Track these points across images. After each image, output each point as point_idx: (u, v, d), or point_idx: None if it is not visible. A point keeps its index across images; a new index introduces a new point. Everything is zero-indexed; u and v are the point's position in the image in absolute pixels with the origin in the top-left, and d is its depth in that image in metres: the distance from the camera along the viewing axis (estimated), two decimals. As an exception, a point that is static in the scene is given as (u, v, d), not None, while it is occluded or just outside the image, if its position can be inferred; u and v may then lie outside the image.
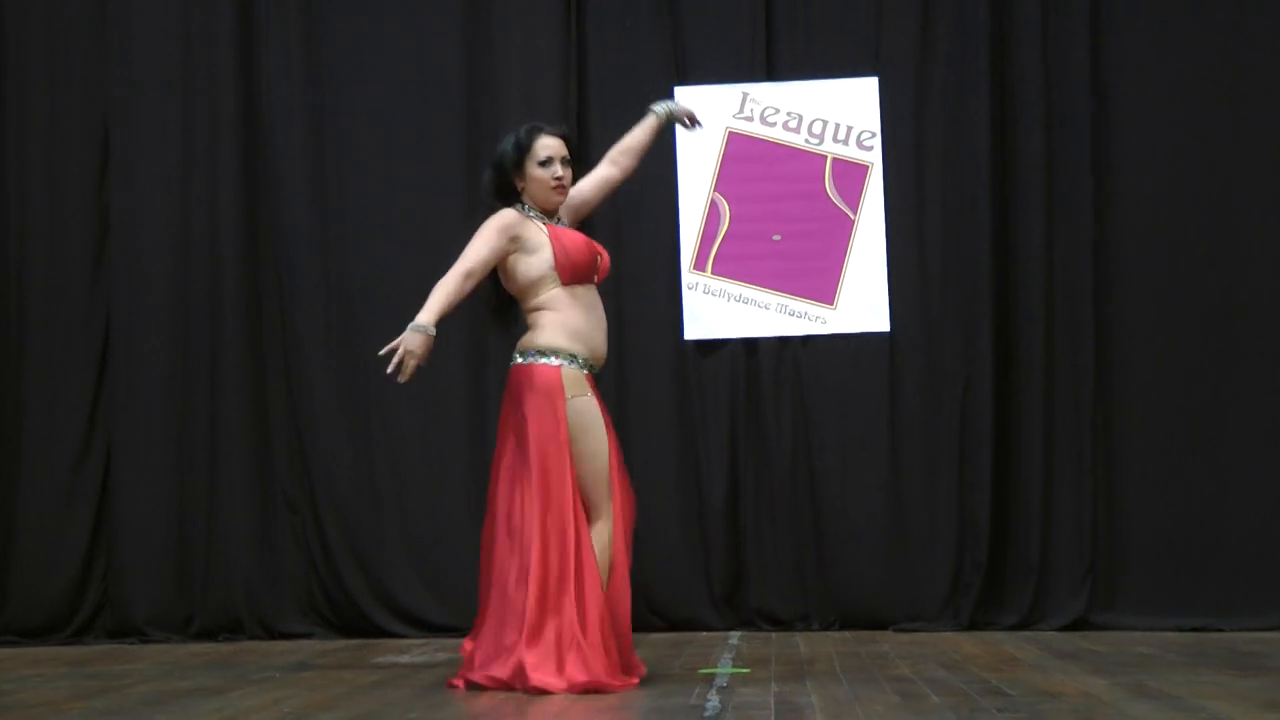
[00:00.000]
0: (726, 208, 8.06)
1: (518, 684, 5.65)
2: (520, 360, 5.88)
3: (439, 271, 7.99)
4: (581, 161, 6.27)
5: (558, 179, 5.93)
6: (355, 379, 8.15)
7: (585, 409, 5.81)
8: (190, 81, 8.30)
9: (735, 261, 8.02)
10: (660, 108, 6.24)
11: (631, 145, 6.19)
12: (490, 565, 5.89)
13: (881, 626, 7.88)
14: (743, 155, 8.06)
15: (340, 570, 8.08)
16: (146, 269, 8.24)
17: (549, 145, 5.94)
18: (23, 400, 8.22)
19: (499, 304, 6.13)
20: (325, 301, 8.20)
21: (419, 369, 5.73)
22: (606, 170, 6.18)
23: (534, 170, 5.93)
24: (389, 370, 5.68)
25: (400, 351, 5.67)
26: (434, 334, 5.74)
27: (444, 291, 5.83)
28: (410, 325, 5.72)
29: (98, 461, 8.19)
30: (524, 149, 5.94)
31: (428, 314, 5.76)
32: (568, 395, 5.79)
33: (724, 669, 6.27)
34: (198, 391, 8.19)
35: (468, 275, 5.87)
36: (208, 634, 8.05)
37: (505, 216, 5.94)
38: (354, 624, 8.05)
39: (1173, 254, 7.97)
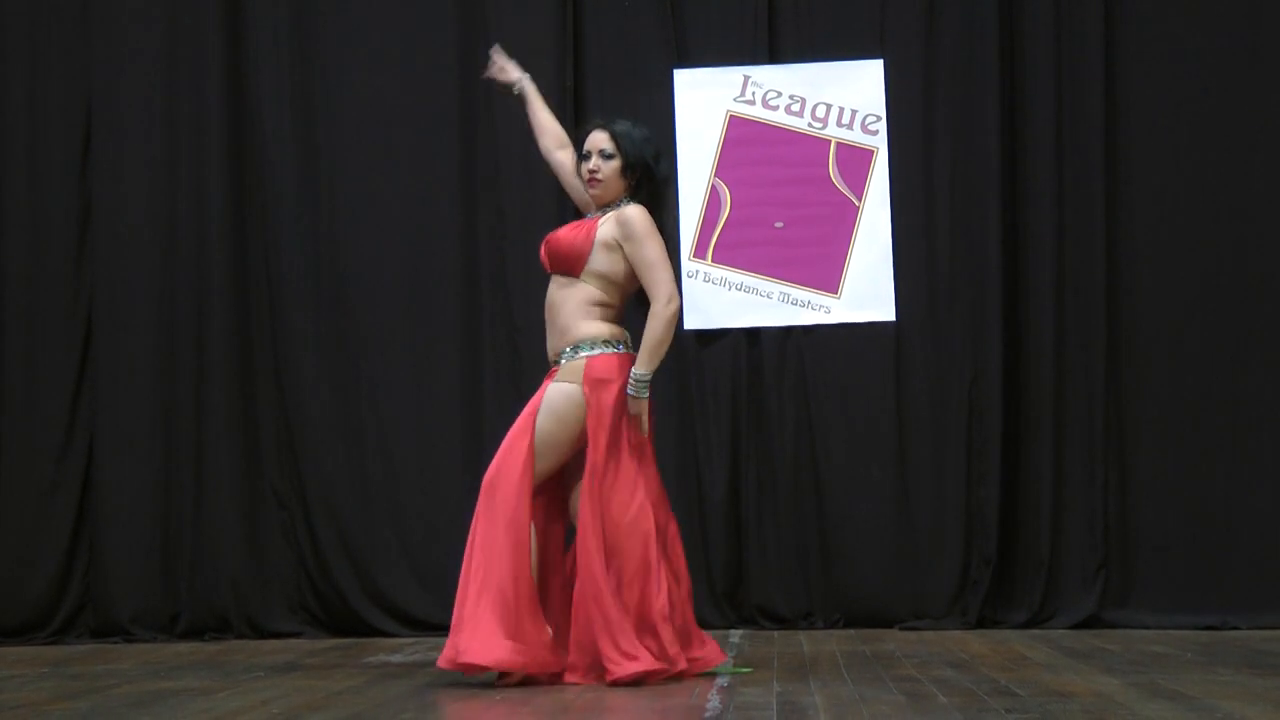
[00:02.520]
0: (727, 194, 7.99)
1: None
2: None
3: (432, 258, 7.91)
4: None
5: (590, 172, 6.13)
6: (346, 370, 8.11)
7: None
8: (175, 64, 8.23)
9: (736, 249, 7.96)
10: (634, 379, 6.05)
11: (648, 338, 6.07)
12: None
13: (887, 625, 7.83)
14: (744, 139, 8.01)
15: (330, 567, 8.01)
16: (130, 257, 8.17)
17: (590, 139, 6.17)
18: (2, 392, 8.15)
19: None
20: (315, 290, 8.13)
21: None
22: (649, 286, 6.08)
23: (581, 165, 6.19)
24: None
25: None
26: (516, 86, 6.60)
27: (554, 120, 6.58)
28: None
29: (79, 455, 8.11)
30: (580, 145, 6.19)
31: (535, 93, 6.59)
32: None
33: (725, 668, 6.20)
34: (183, 383, 8.12)
35: (565, 148, 6.46)
36: (194, 633, 7.99)
37: None
38: (344, 623, 7.98)
39: (1187, 242, 7.92)
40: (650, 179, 6.11)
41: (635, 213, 6.03)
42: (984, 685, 5.57)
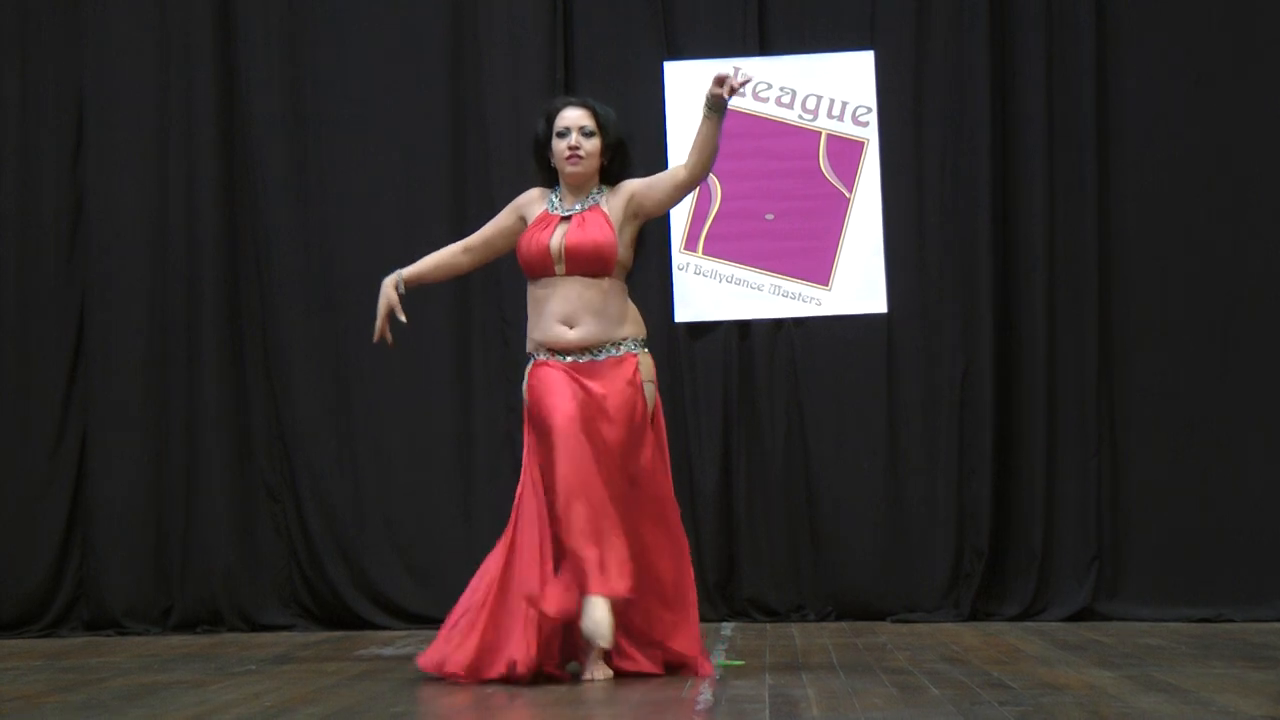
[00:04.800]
0: (718, 186, 7.96)
1: None
2: None
3: (422, 251, 7.88)
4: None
5: (572, 148, 5.91)
6: (337, 362, 8.11)
7: (526, 408, 6.01)
8: (166, 58, 8.23)
9: (727, 241, 7.95)
10: (704, 108, 5.98)
11: (693, 143, 6.00)
12: None
13: (879, 617, 7.83)
14: (734, 132, 7.87)
15: (322, 560, 8.01)
16: (122, 252, 8.18)
17: (567, 117, 5.96)
18: (-5, 386, 8.16)
19: None
20: (305, 283, 8.14)
21: (399, 323, 6.02)
22: (679, 172, 6.05)
23: (555, 143, 5.96)
24: (375, 340, 6.05)
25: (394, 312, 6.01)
26: (399, 285, 6.02)
27: (433, 255, 6.16)
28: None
29: (72, 449, 8.12)
30: (549, 122, 5.98)
31: (407, 269, 6.06)
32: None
33: (717, 661, 6.18)
34: (175, 376, 8.12)
35: (466, 249, 6.17)
36: (186, 626, 7.99)
37: (525, 194, 6.07)
38: (336, 615, 7.99)
39: (1181, 233, 7.91)
40: (623, 158, 6.02)
41: (630, 179, 6.01)
42: (977, 678, 5.54)
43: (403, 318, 5.99)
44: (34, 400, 8.11)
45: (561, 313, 5.86)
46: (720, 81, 5.82)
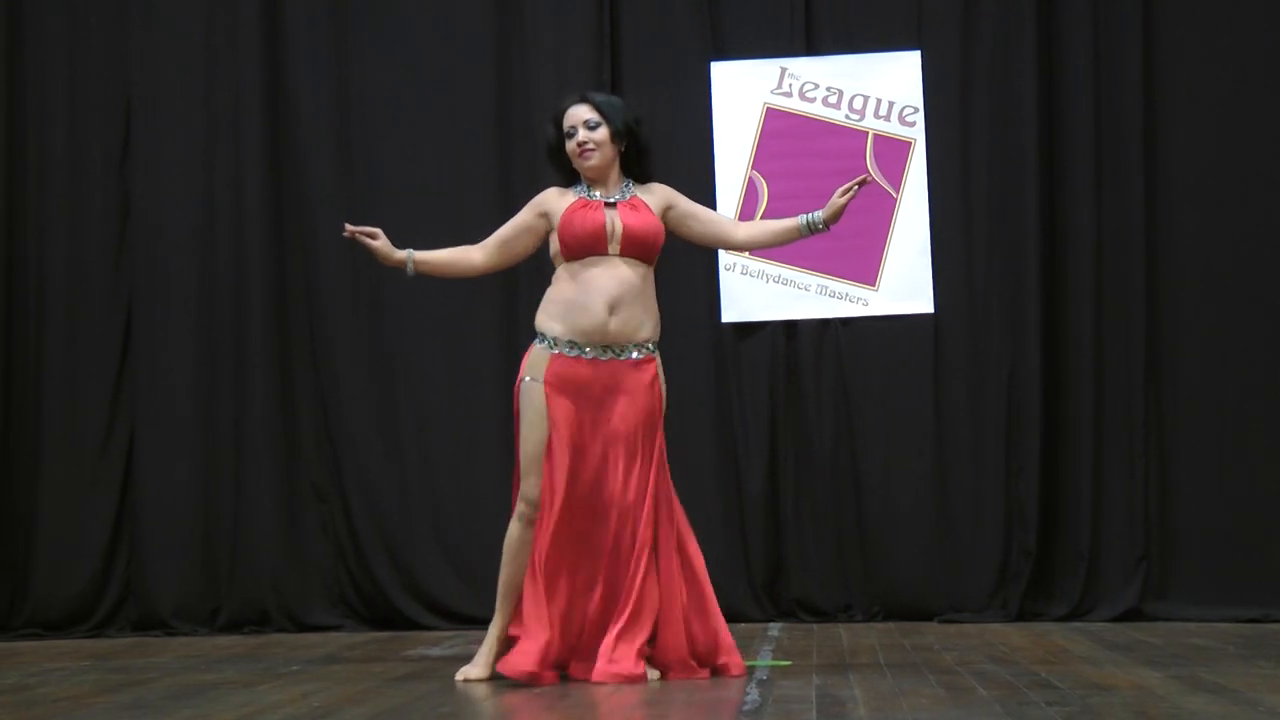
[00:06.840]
0: (764, 186, 7.97)
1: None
2: None
3: (469, 251, 7.87)
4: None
5: (581, 144, 5.95)
6: (384, 364, 8.14)
7: (525, 392, 5.90)
8: (213, 60, 8.28)
9: (774, 241, 7.91)
10: (805, 219, 6.09)
11: (770, 228, 6.19)
12: None
13: (926, 617, 7.81)
14: (781, 132, 8.00)
15: (369, 561, 8.03)
16: (169, 253, 8.22)
17: (571, 115, 6.01)
18: (44, 388, 8.19)
19: None
20: (352, 285, 8.15)
21: (368, 254, 6.15)
22: (733, 229, 6.22)
23: (567, 144, 6.00)
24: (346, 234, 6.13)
25: (371, 235, 6.09)
26: (408, 264, 6.09)
27: (452, 249, 6.17)
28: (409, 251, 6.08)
29: (120, 450, 8.16)
30: (559, 126, 6.03)
31: (422, 253, 6.11)
32: (524, 376, 5.91)
33: (764, 661, 6.20)
34: (222, 378, 8.16)
35: (482, 246, 6.16)
36: (234, 626, 8.02)
37: (542, 194, 6.08)
38: (383, 616, 8.00)
39: (1228, 232, 7.87)
40: (637, 144, 6.01)
41: (664, 185, 6.07)
42: (1024, 678, 5.53)
43: (372, 244, 6.10)
44: (82, 401, 8.15)
45: (610, 292, 5.83)
46: (846, 191, 6.03)
